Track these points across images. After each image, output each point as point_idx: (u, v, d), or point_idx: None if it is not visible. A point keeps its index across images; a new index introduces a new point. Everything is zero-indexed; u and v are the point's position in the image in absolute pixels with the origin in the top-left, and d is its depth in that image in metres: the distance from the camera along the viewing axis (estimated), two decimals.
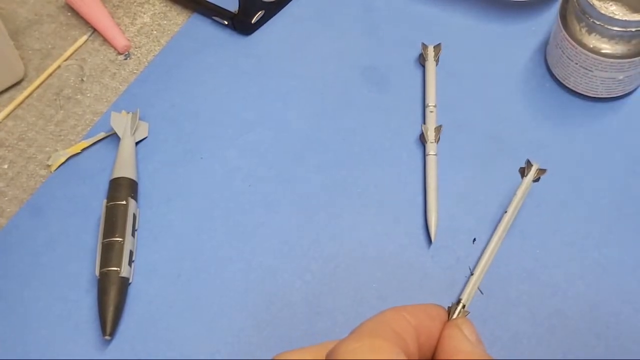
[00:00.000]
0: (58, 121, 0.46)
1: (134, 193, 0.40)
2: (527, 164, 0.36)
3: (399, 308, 0.27)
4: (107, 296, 0.36)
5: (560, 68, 0.43)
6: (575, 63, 0.41)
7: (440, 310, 0.29)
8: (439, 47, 0.45)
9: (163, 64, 0.48)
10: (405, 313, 0.27)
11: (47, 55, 0.49)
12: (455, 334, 0.27)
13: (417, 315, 0.27)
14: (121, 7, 0.52)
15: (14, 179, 0.43)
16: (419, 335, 0.27)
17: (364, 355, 0.23)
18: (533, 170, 0.35)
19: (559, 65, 0.43)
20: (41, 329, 0.37)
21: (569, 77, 0.42)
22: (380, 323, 0.26)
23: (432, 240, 0.38)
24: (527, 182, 0.35)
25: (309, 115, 0.44)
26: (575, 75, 0.42)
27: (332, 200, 0.41)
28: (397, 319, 0.26)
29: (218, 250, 0.39)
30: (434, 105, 0.43)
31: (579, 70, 0.41)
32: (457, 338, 0.27)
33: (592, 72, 0.41)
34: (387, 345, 0.24)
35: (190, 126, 0.44)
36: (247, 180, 0.42)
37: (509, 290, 0.37)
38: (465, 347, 0.27)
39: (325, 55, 0.47)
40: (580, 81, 0.42)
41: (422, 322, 0.27)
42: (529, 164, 0.35)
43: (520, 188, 0.35)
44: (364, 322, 0.26)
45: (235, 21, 0.48)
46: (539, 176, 0.36)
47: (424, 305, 0.28)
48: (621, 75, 0.40)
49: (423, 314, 0.27)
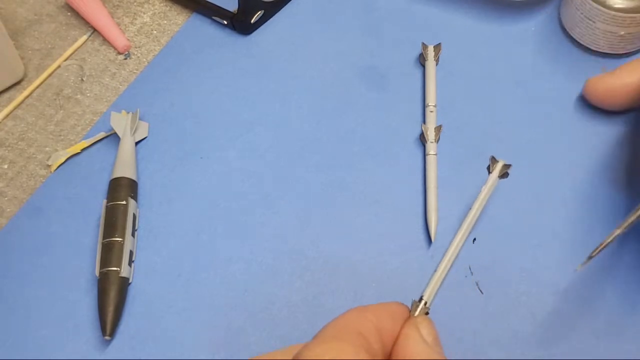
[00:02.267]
0: (58, 121, 0.46)
1: (133, 193, 0.40)
2: (492, 160, 0.35)
3: (362, 308, 0.27)
4: (107, 296, 0.36)
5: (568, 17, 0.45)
6: (581, 13, 0.43)
7: (402, 309, 0.29)
8: (439, 47, 0.45)
9: (163, 63, 0.48)
10: (368, 314, 0.27)
11: (47, 55, 0.49)
12: (411, 334, 0.27)
13: (380, 315, 0.27)
14: (121, 7, 0.52)
15: (14, 179, 0.43)
16: (382, 335, 0.27)
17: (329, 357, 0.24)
18: (498, 167, 0.35)
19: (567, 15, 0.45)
20: (41, 329, 0.37)
21: (575, 27, 0.45)
22: (343, 325, 0.26)
23: (432, 240, 0.38)
24: (493, 179, 0.35)
25: (309, 115, 0.44)
26: (580, 26, 0.44)
27: (332, 200, 0.41)
28: (360, 320, 0.26)
29: (218, 250, 0.39)
30: (434, 105, 0.43)
31: (584, 20, 0.43)
32: (413, 338, 0.27)
33: (595, 23, 0.42)
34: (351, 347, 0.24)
35: (190, 126, 0.44)
36: (247, 180, 0.42)
37: (509, 290, 0.37)
38: (419, 349, 0.27)
39: (325, 55, 0.47)
40: (585, 32, 0.44)
41: (384, 322, 0.27)
42: (494, 160, 0.35)
43: (486, 185, 0.35)
44: (328, 325, 0.26)
45: (235, 21, 0.48)
46: (505, 171, 0.35)
47: (387, 304, 0.29)
48: (622, 30, 0.41)
49: (385, 314, 0.27)
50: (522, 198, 0.40)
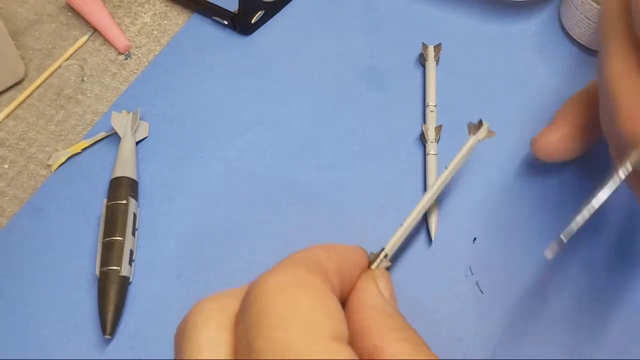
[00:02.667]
0: (58, 121, 0.46)
1: (134, 192, 0.40)
2: (478, 122, 0.35)
3: (327, 247, 0.26)
4: (107, 295, 0.36)
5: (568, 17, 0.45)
6: (581, 13, 0.43)
7: (363, 257, 0.28)
8: (439, 47, 0.45)
9: (163, 63, 0.48)
10: (333, 253, 0.26)
11: (47, 55, 0.49)
12: (368, 287, 0.27)
13: (343, 257, 0.26)
14: (122, 7, 0.52)
15: (14, 179, 0.43)
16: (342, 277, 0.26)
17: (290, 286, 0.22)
18: (483, 129, 0.34)
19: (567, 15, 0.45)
20: (41, 329, 0.37)
21: (575, 27, 0.45)
22: (307, 256, 0.25)
23: (432, 240, 0.38)
24: (473, 141, 0.34)
25: (309, 115, 0.44)
26: (580, 26, 0.44)
27: (332, 200, 0.41)
28: (325, 256, 0.25)
29: (218, 250, 0.39)
30: (434, 104, 0.43)
31: (584, 20, 0.43)
32: (369, 291, 0.26)
33: (595, 23, 0.43)
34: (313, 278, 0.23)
35: (191, 126, 0.44)
36: (247, 179, 0.42)
37: (509, 290, 0.37)
38: (374, 301, 0.26)
39: (325, 55, 0.47)
40: (585, 32, 0.44)
41: (346, 266, 0.26)
42: (480, 122, 0.35)
43: (465, 146, 0.34)
44: (291, 255, 0.25)
45: (235, 21, 0.48)
46: (488, 137, 0.35)
47: (351, 248, 0.28)
48: None
49: (349, 258, 0.27)
50: (522, 198, 0.40)
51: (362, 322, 0.25)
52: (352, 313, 0.25)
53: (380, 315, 0.25)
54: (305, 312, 0.21)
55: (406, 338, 0.24)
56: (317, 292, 0.22)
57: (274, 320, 0.21)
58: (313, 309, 0.22)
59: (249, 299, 0.22)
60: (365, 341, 0.24)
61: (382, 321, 0.25)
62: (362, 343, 0.24)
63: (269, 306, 0.22)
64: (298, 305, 0.21)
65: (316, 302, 0.22)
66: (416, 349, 0.24)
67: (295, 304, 0.21)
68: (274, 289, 0.22)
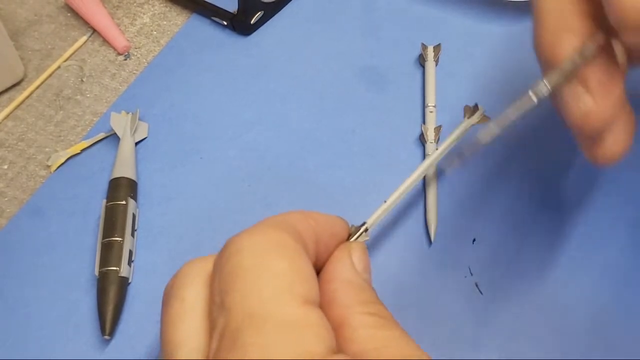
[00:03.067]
0: (58, 122, 0.46)
1: (133, 193, 0.40)
2: (474, 106, 0.35)
3: (306, 213, 0.26)
4: (106, 296, 0.36)
5: None
6: None
7: (343, 228, 0.28)
8: (439, 48, 0.45)
9: (163, 64, 0.48)
10: (311, 219, 0.26)
11: (46, 56, 0.49)
12: (342, 258, 0.27)
13: (322, 225, 0.26)
14: (121, 8, 0.52)
15: (13, 180, 0.43)
16: (318, 245, 0.26)
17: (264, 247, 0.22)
18: (478, 113, 0.35)
19: None
20: (41, 329, 0.37)
21: None
22: (285, 220, 0.25)
23: (432, 241, 0.38)
24: (467, 124, 0.35)
25: (309, 116, 0.44)
26: None
27: (332, 200, 0.41)
28: (303, 222, 0.25)
29: (217, 250, 0.39)
30: (433, 105, 0.43)
31: None
32: (342, 262, 0.26)
33: None
34: (289, 240, 0.23)
35: (190, 126, 0.44)
36: (247, 180, 0.42)
37: (508, 291, 0.37)
38: (346, 274, 0.26)
39: (325, 56, 0.47)
40: None
41: (324, 234, 0.26)
42: (475, 106, 0.35)
43: (459, 128, 0.34)
44: (268, 217, 0.25)
45: (235, 22, 0.48)
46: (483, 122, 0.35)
47: (331, 217, 0.28)
48: None
49: (328, 226, 0.27)
50: (521, 197, 0.40)
51: (332, 292, 0.25)
52: (324, 282, 0.25)
53: (350, 287, 0.25)
54: (278, 274, 0.21)
55: (372, 312, 0.24)
56: (291, 255, 0.22)
57: (246, 281, 0.21)
58: (285, 272, 0.22)
59: (224, 257, 0.23)
60: (332, 311, 0.24)
61: (351, 293, 0.25)
62: (330, 313, 0.24)
63: (241, 266, 0.22)
64: (270, 267, 0.22)
65: (289, 265, 0.22)
66: (380, 321, 0.24)
67: (268, 265, 0.22)
68: (248, 249, 0.22)
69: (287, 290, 0.21)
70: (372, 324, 0.24)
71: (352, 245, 0.27)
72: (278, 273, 0.22)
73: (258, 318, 0.20)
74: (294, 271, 0.22)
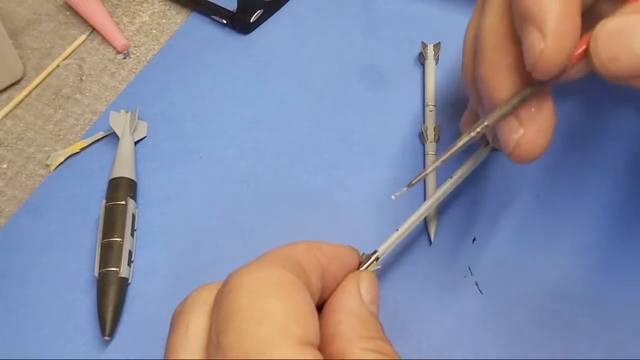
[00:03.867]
0: (57, 120, 0.46)
1: (133, 193, 0.40)
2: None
3: (312, 244, 0.26)
4: (106, 296, 0.36)
5: None
6: None
7: (353, 258, 0.28)
8: (439, 46, 0.45)
9: (162, 63, 0.48)
10: (317, 251, 0.25)
11: (46, 55, 0.49)
12: (349, 288, 0.26)
13: (329, 256, 0.26)
14: (120, 6, 0.52)
15: (12, 179, 0.43)
16: (325, 278, 0.25)
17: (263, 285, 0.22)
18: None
19: None
20: (40, 329, 0.37)
21: None
22: (287, 254, 0.24)
23: (432, 241, 0.38)
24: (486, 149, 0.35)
25: (308, 115, 0.44)
26: None
27: (331, 199, 0.41)
28: (307, 255, 0.25)
29: (217, 251, 0.39)
30: (433, 104, 0.43)
31: None
32: (349, 293, 0.26)
33: None
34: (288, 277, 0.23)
35: (189, 125, 0.44)
36: (246, 179, 0.42)
37: (508, 290, 0.37)
38: (352, 305, 0.25)
39: (325, 54, 0.47)
40: None
41: (331, 266, 0.26)
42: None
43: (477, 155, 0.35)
44: (271, 251, 0.25)
45: (234, 20, 0.48)
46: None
47: (340, 247, 0.27)
48: None
49: (335, 257, 0.26)
50: (521, 197, 0.40)
51: (335, 324, 0.25)
52: (329, 313, 0.25)
53: (354, 319, 0.25)
54: (274, 314, 0.21)
55: (373, 348, 0.24)
56: (290, 293, 0.22)
57: (242, 321, 0.21)
58: (282, 311, 0.21)
59: (224, 292, 0.23)
60: (334, 344, 0.24)
61: (354, 326, 0.25)
62: (332, 345, 0.24)
63: (238, 305, 0.22)
64: (267, 307, 0.21)
65: (287, 304, 0.22)
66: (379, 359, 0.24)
67: (264, 305, 0.21)
68: (245, 287, 0.22)
69: (283, 331, 0.21)
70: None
71: (362, 275, 0.27)
72: (274, 313, 0.21)
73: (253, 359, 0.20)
74: (290, 311, 0.21)
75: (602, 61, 0.24)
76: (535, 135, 0.28)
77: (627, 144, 0.42)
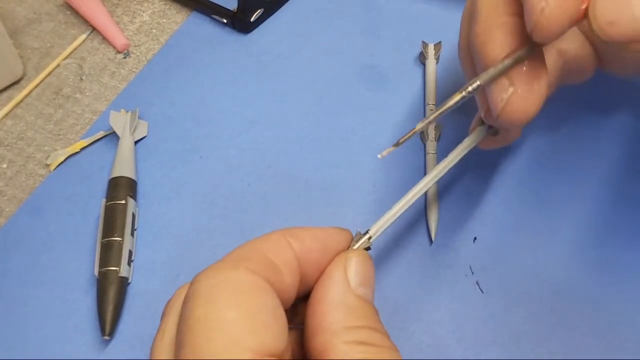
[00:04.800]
0: (57, 120, 0.46)
1: (133, 192, 0.40)
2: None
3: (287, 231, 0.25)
4: (106, 296, 0.36)
5: None
6: None
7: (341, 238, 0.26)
8: (439, 46, 0.45)
9: (162, 62, 0.48)
10: (293, 239, 0.25)
11: (46, 54, 0.49)
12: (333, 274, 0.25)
13: (308, 243, 0.25)
14: (120, 6, 0.52)
15: (12, 178, 0.43)
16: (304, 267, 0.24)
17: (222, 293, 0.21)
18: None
19: None
20: (40, 329, 0.37)
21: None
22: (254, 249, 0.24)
23: (432, 240, 0.38)
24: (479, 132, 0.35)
25: (309, 114, 0.44)
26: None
27: (331, 200, 0.41)
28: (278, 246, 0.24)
29: (217, 250, 0.39)
30: (434, 103, 0.43)
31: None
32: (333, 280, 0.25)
33: None
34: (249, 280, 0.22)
35: (190, 125, 0.44)
36: (246, 179, 0.42)
37: (509, 290, 0.37)
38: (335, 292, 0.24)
39: (325, 54, 0.47)
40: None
41: (311, 252, 0.25)
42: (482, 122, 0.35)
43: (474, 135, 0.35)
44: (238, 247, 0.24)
45: (234, 19, 0.48)
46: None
47: (325, 229, 0.26)
48: None
49: (316, 242, 0.25)
50: (521, 197, 0.40)
51: (319, 316, 0.24)
52: (312, 305, 0.24)
53: (337, 309, 0.24)
54: (228, 324, 0.21)
55: (359, 340, 0.23)
56: (246, 299, 0.21)
57: (197, 334, 0.21)
58: (236, 322, 0.21)
59: (186, 299, 0.22)
60: (316, 338, 0.23)
61: (338, 317, 0.23)
62: (315, 340, 0.23)
63: (193, 317, 0.21)
64: (221, 318, 0.21)
65: (241, 314, 0.21)
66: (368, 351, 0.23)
67: (219, 316, 0.21)
68: (201, 296, 0.22)
69: (237, 343, 0.20)
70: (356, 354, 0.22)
71: (349, 255, 0.26)
72: (229, 324, 0.21)
73: None
74: (245, 321, 0.21)
75: (600, 25, 0.24)
76: (525, 93, 0.27)
77: (627, 144, 0.41)
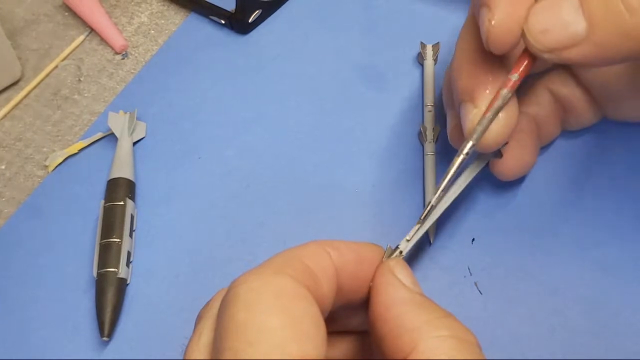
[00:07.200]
0: (55, 121, 0.46)
1: (131, 193, 0.40)
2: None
3: (325, 243, 0.25)
4: (105, 297, 0.36)
5: None
6: None
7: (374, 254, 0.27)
8: (438, 46, 0.45)
9: (160, 63, 0.48)
10: (331, 249, 0.25)
11: (44, 55, 0.49)
12: (390, 281, 0.25)
13: (344, 253, 0.25)
14: (118, 7, 0.52)
15: (11, 180, 0.43)
16: (341, 277, 0.25)
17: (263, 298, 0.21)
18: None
19: None
20: (39, 330, 0.37)
21: None
22: (294, 257, 0.24)
23: (431, 241, 0.38)
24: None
25: (307, 115, 0.44)
26: None
27: (331, 200, 0.41)
28: (317, 255, 0.24)
29: (216, 251, 0.39)
30: (432, 104, 0.43)
31: None
32: (392, 285, 0.25)
33: None
34: (291, 286, 0.22)
35: (188, 126, 0.44)
36: (245, 180, 0.42)
37: (509, 290, 0.37)
38: (401, 294, 0.25)
39: (323, 54, 0.47)
40: None
41: (347, 263, 0.25)
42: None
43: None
44: (277, 254, 0.24)
45: (233, 20, 0.48)
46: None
47: (359, 244, 0.27)
48: None
49: (351, 254, 0.25)
50: (521, 197, 0.40)
51: (395, 319, 0.24)
52: (382, 313, 0.24)
53: (412, 308, 0.24)
54: (270, 331, 0.21)
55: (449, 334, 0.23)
56: (288, 305, 0.21)
57: (237, 340, 0.21)
58: (278, 329, 0.21)
59: (223, 303, 0.22)
60: (402, 339, 0.23)
61: (415, 314, 0.23)
62: (399, 341, 0.23)
63: (234, 322, 0.21)
64: (263, 324, 0.21)
65: (283, 320, 0.21)
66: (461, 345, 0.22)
67: (260, 322, 0.21)
68: (243, 301, 0.21)
69: (280, 349, 0.20)
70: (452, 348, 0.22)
71: (391, 263, 0.26)
72: (271, 330, 0.21)
73: None
74: (287, 327, 0.21)
75: (534, 35, 0.27)
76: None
77: (627, 143, 0.41)
